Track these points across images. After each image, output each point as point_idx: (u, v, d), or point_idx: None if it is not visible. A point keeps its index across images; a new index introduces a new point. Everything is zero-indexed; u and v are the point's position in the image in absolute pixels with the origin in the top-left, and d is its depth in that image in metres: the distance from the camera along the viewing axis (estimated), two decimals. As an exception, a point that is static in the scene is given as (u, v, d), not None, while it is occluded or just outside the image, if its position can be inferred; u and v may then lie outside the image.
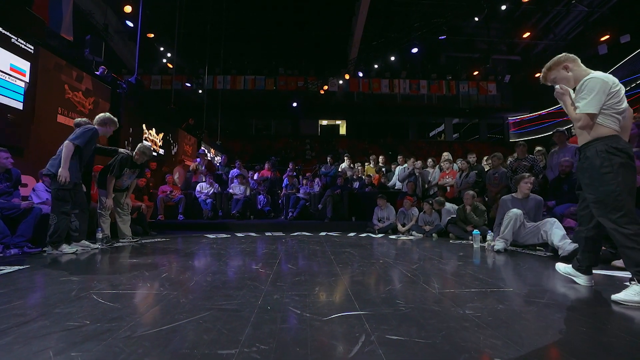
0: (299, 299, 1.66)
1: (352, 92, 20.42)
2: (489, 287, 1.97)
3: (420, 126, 22.56)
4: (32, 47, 4.65)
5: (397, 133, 21.34)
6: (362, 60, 17.84)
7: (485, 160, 6.58)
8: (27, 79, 4.54)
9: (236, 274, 2.40)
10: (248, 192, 7.30)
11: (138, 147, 4.06)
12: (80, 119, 3.66)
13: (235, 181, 7.47)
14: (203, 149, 10.47)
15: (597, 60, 14.91)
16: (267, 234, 5.52)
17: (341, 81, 18.20)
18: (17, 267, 2.44)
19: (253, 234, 5.39)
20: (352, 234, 5.62)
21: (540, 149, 5.75)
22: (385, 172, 8.05)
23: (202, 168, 8.14)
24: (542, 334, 1.23)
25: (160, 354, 1.03)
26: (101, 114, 3.63)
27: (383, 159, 8.68)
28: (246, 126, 21.69)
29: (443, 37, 14.18)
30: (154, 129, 8.34)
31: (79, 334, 1.19)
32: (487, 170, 5.80)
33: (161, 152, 8.77)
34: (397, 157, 8.09)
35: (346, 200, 6.97)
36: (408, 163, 7.27)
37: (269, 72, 19.35)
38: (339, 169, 8.35)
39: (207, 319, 1.36)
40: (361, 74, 18.64)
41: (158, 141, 8.61)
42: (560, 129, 4.84)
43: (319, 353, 1.06)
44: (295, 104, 18.18)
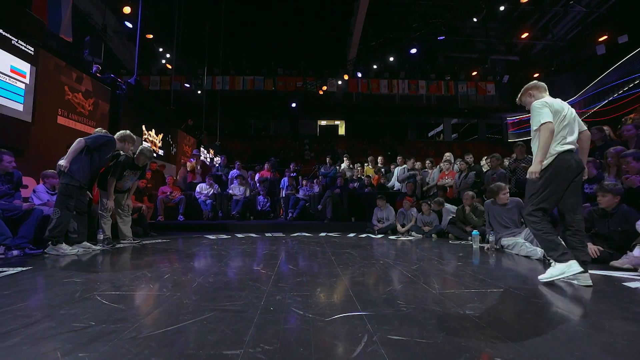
0: (301, 300, 1.68)
1: (351, 93, 20.47)
2: (488, 287, 1.99)
3: (419, 126, 22.63)
4: (32, 49, 4.66)
5: (396, 133, 21.40)
6: (361, 61, 17.89)
7: (484, 160, 6.61)
8: (27, 80, 4.55)
9: (238, 275, 2.42)
10: (248, 192, 7.31)
11: (139, 149, 4.08)
12: (100, 129, 3.76)
13: (235, 182, 7.48)
14: (196, 150, 10.49)
15: (595, 60, 15.00)
16: (267, 234, 5.53)
17: (340, 81, 18.24)
18: (20, 269, 2.45)
19: (253, 235, 5.41)
20: (351, 234, 5.63)
21: None
22: (384, 172, 8.08)
23: (197, 167, 8.17)
24: (542, 333, 1.25)
25: (166, 355, 1.04)
26: (122, 131, 3.82)
27: (382, 159, 8.71)
28: (245, 126, 21.72)
29: (442, 37, 14.24)
30: (153, 130, 8.35)
31: (85, 335, 1.20)
32: (485, 171, 5.82)
33: (161, 152, 8.78)
34: (396, 158, 8.12)
35: (346, 201, 7.00)
36: (408, 164, 7.29)
37: (268, 73, 19.37)
38: (338, 170, 8.37)
39: (211, 319, 1.37)
40: (360, 74, 18.69)
41: (158, 142, 8.62)
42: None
43: (323, 353, 1.08)
44: (294, 105, 18.21)
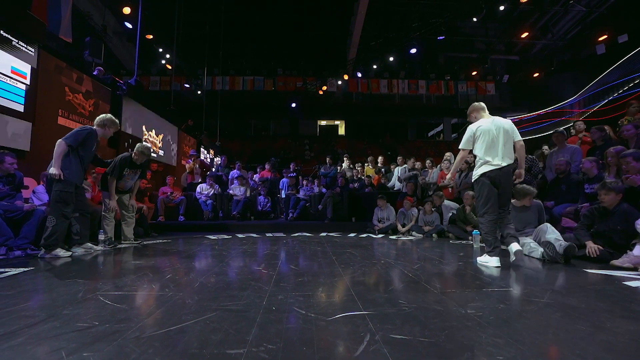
0: (303, 300, 1.69)
1: (350, 93, 20.47)
2: (489, 287, 1.99)
3: (419, 126, 22.64)
4: (33, 50, 4.67)
5: (395, 133, 21.41)
6: (360, 61, 17.89)
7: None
8: (27, 81, 4.56)
9: (239, 275, 2.43)
10: (248, 193, 7.32)
11: (137, 147, 4.03)
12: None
13: (236, 182, 7.49)
14: (194, 151, 10.49)
15: (595, 60, 15.00)
16: (267, 234, 5.54)
17: (340, 81, 18.25)
18: (22, 269, 2.46)
19: (254, 235, 5.41)
20: (352, 234, 5.64)
21: (546, 148, 5.79)
22: (384, 172, 8.09)
23: (196, 167, 8.18)
24: (543, 332, 1.26)
25: (170, 354, 1.05)
26: (101, 115, 3.55)
27: (382, 159, 8.71)
28: (245, 127, 21.73)
29: (441, 37, 14.24)
30: (153, 130, 8.36)
31: (89, 334, 1.21)
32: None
33: (161, 153, 8.79)
34: (396, 158, 8.13)
35: (346, 201, 7.00)
36: (408, 163, 7.30)
37: (268, 73, 19.37)
38: (338, 170, 8.38)
39: (214, 319, 1.38)
40: (360, 74, 18.69)
41: (158, 142, 8.62)
42: (559, 129, 4.88)
43: (325, 352, 1.08)
44: (294, 105, 18.22)
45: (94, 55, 7.31)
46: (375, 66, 17.76)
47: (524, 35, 16.92)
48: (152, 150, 7.80)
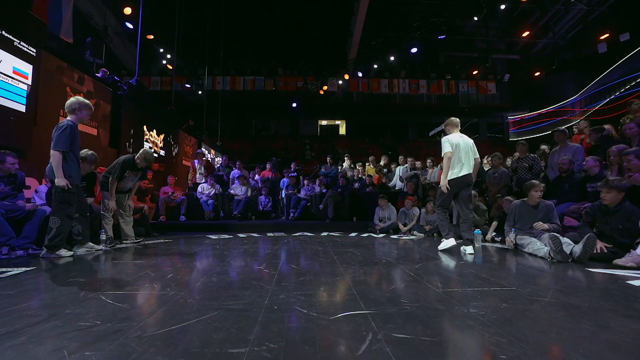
0: (305, 299, 1.68)
1: (351, 92, 20.43)
2: (491, 285, 1.99)
3: (419, 126, 22.57)
4: (34, 50, 4.67)
5: (396, 133, 21.36)
6: (361, 60, 17.86)
7: (485, 160, 6.60)
8: (29, 81, 4.56)
9: (241, 274, 2.42)
10: (249, 192, 7.32)
11: (140, 152, 4.07)
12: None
13: (237, 182, 7.49)
14: (200, 149, 10.49)
15: (596, 58, 14.95)
16: (269, 234, 5.54)
17: (340, 81, 18.22)
18: (24, 269, 2.46)
19: (255, 235, 5.41)
20: (353, 234, 5.64)
21: (544, 147, 5.77)
22: (385, 172, 8.08)
23: (201, 167, 8.16)
24: (546, 331, 1.25)
25: (172, 353, 1.05)
26: (69, 101, 3.23)
27: (385, 159, 8.71)
28: (246, 127, 21.71)
29: (442, 36, 14.20)
30: (154, 131, 8.37)
31: (90, 333, 1.21)
32: (486, 170, 5.82)
33: (162, 153, 8.80)
34: (397, 157, 8.13)
35: (347, 200, 7.00)
36: (409, 163, 7.30)
37: (268, 73, 19.36)
38: (339, 170, 8.38)
39: (216, 318, 1.38)
40: (360, 74, 18.66)
41: (159, 142, 8.63)
42: (560, 128, 4.86)
43: (328, 351, 1.08)
44: (294, 104, 18.20)
45: (95, 55, 7.32)
46: (375, 66, 17.72)
47: (525, 34, 16.87)
48: (153, 151, 7.82)
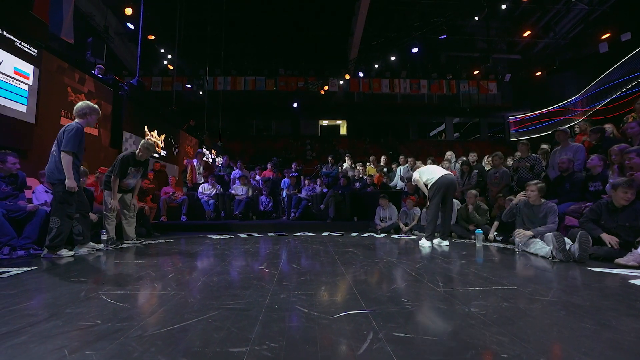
0: (306, 298, 1.68)
1: (352, 92, 20.42)
2: (493, 285, 1.98)
3: (420, 126, 22.57)
4: (35, 50, 4.69)
5: (397, 133, 21.35)
6: (362, 60, 17.86)
7: (486, 159, 6.59)
8: (30, 82, 4.57)
9: (242, 274, 2.42)
10: (250, 193, 7.32)
11: (141, 143, 4.02)
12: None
13: (238, 182, 7.50)
14: (201, 149, 10.49)
15: (597, 58, 14.92)
16: (269, 234, 5.54)
17: (341, 81, 18.22)
18: (25, 269, 2.46)
19: (256, 235, 5.41)
20: (354, 233, 5.63)
21: (545, 147, 5.75)
22: (386, 172, 8.07)
23: (200, 167, 8.17)
24: (547, 330, 1.24)
25: (172, 352, 1.05)
26: (78, 104, 3.29)
27: (385, 159, 8.70)
28: (247, 127, 21.73)
29: (443, 36, 14.17)
30: (155, 131, 8.38)
31: (91, 333, 1.21)
32: (488, 170, 5.81)
33: (163, 153, 8.81)
34: (398, 157, 8.12)
35: (348, 200, 6.99)
36: (410, 162, 7.29)
37: (269, 73, 19.38)
38: (340, 170, 8.37)
39: (216, 318, 1.38)
40: (361, 74, 18.65)
41: (160, 142, 8.64)
42: (561, 127, 4.85)
43: (329, 350, 1.08)
44: (295, 105, 18.20)
45: (96, 55, 7.33)
46: (376, 66, 17.71)
47: (526, 34, 16.84)
48: (155, 148, 7.81)
